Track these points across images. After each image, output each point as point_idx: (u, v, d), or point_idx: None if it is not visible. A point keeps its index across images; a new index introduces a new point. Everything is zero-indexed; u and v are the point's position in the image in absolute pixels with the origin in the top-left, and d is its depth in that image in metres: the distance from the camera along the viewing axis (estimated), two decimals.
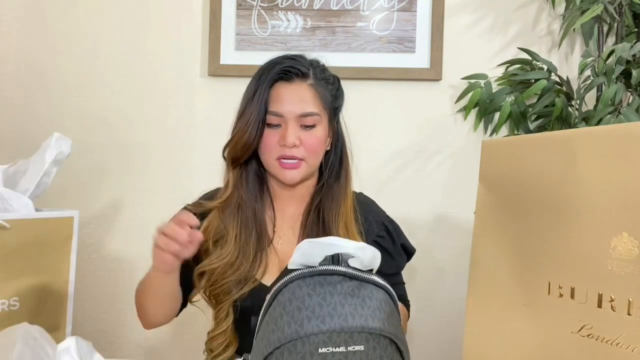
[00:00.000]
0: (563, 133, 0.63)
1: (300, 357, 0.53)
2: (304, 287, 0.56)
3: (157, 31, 1.57)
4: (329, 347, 0.53)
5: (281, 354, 0.53)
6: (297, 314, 0.54)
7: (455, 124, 1.54)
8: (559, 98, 1.35)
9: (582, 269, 0.58)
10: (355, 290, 0.56)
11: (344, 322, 0.53)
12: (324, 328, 0.53)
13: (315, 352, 0.53)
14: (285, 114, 0.91)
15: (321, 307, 0.54)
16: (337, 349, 0.53)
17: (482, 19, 1.52)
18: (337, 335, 0.53)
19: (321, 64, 0.99)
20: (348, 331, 0.53)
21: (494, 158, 0.73)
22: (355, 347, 0.53)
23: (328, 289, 0.56)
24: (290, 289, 0.57)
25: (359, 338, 0.53)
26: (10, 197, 1.00)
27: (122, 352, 1.58)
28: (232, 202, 0.96)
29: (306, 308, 0.54)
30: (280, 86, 0.93)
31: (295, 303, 0.55)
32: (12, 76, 1.59)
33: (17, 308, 0.96)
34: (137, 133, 1.57)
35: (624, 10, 1.34)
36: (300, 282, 0.57)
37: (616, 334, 0.54)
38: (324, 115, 0.95)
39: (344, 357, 0.53)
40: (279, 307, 0.56)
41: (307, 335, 0.53)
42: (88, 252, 1.57)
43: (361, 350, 0.54)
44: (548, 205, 0.63)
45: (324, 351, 0.53)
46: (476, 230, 0.74)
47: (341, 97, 1.01)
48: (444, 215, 1.54)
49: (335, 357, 0.53)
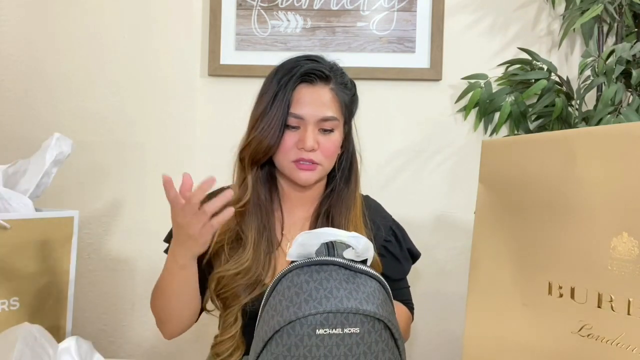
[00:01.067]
0: (563, 133, 0.63)
1: (298, 339, 0.55)
2: (301, 275, 0.60)
3: (157, 31, 1.57)
4: (325, 329, 0.56)
5: (280, 337, 0.56)
6: (295, 298, 0.57)
7: (455, 124, 1.54)
8: (559, 98, 1.35)
9: (582, 269, 0.58)
10: (350, 278, 0.60)
11: (340, 303, 0.56)
12: (320, 309, 0.56)
13: (312, 334, 0.55)
14: (306, 117, 0.90)
15: (317, 291, 0.57)
16: (334, 330, 0.56)
17: (482, 19, 1.52)
18: (334, 317, 0.56)
19: (340, 67, 0.97)
20: (344, 312, 0.56)
21: (494, 158, 0.73)
22: (350, 329, 0.56)
23: (324, 276, 0.59)
24: (289, 277, 0.60)
25: (354, 320, 0.56)
26: (10, 197, 1.00)
27: (122, 352, 1.58)
28: (250, 204, 0.93)
29: (304, 292, 0.58)
30: (303, 88, 0.91)
31: (294, 289, 0.58)
32: (12, 76, 1.60)
33: (17, 308, 0.96)
34: (137, 133, 1.57)
35: (624, 10, 1.34)
36: (298, 271, 0.61)
37: (616, 334, 0.54)
38: (341, 120, 0.95)
39: (341, 340, 0.56)
40: (278, 295, 0.60)
41: (304, 316, 0.56)
42: (88, 252, 1.57)
43: (357, 333, 0.56)
44: (548, 205, 0.63)
45: (321, 332, 0.55)
46: (476, 230, 0.75)
47: (356, 102, 1.00)
48: (444, 216, 1.54)
49: (332, 339, 0.56)
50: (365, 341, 0.56)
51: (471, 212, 0.77)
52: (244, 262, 0.89)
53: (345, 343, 0.56)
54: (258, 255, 0.91)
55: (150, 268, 1.54)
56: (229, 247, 0.92)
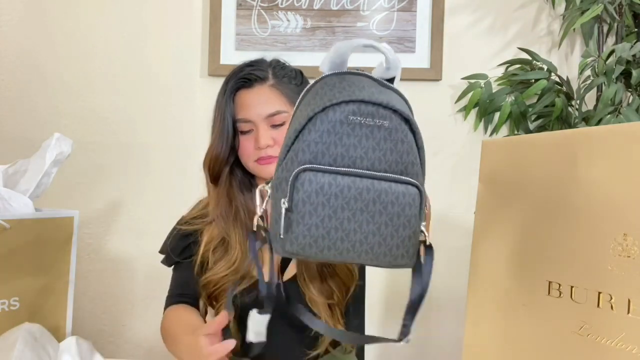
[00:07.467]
0: (563, 133, 0.64)
1: (331, 125, 0.55)
2: (334, 77, 0.59)
3: (157, 31, 1.57)
4: (357, 117, 0.56)
5: (313, 124, 0.56)
6: (329, 92, 0.57)
7: (455, 124, 1.54)
8: (559, 98, 1.35)
9: (582, 268, 0.58)
10: (379, 87, 0.60)
11: (372, 95, 0.56)
12: (354, 97, 0.55)
13: (345, 121, 0.56)
14: (252, 118, 0.93)
15: (350, 86, 0.57)
16: (365, 120, 0.56)
17: (482, 19, 1.52)
18: (365, 106, 0.56)
19: (281, 62, 1.00)
20: (376, 102, 0.56)
21: (494, 158, 0.73)
22: (381, 121, 0.56)
23: (356, 79, 0.59)
24: (323, 80, 0.60)
25: (384, 113, 0.56)
26: (10, 197, 1.00)
27: (122, 352, 1.58)
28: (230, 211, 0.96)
29: (337, 87, 0.57)
30: (242, 94, 0.95)
31: (327, 87, 0.58)
32: (12, 76, 1.60)
33: (17, 308, 0.96)
34: (137, 133, 1.57)
35: (624, 10, 1.34)
36: (330, 76, 0.60)
37: (615, 333, 0.54)
38: (291, 110, 0.96)
39: (370, 131, 0.56)
40: (309, 96, 0.60)
41: (338, 102, 0.55)
42: (88, 252, 1.57)
43: (385, 127, 0.56)
44: (548, 205, 0.63)
45: (352, 119, 0.56)
46: (476, 230, 0.75)
47: None
48: (444, 215, 1.54)
49: (362, 130, 0.56)
50: (392, 137, 0.56)
51: (471, 212, 0.77)
52: (231, 264, 0.92)
53: (374, 136, 0.56)
54: (245, 254, 0.93)
55: (150, 268, 1.54)
56: (214, 253, 0.95)
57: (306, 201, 0.54)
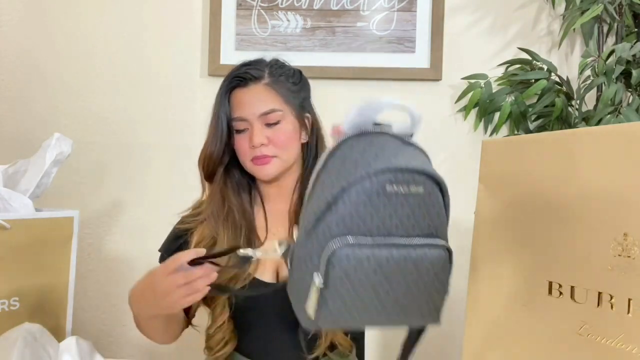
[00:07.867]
0: (563, 133, 0.64)
1: (367, 196, 0.52)
2: (360, 140, 0.56)
3: (157, 31, 1.57)
4: (394, 186, 0.53)
5: (348, 195, 0.52)
6: (360, 158, 0.54)
7: (455, 124, 1.53)
8: (559, 98, 1.35)
9: (582, 268, 0.58)
10: (404, 147, 0.57)
11: (407, 162, 0.53)
12: (390, 165, 0.53)
13: (381, 192, 0.52)
14: (246, 117, 0.94)
15: (383, 151, 0.54)
16: (401, 188, 0.53)
17: (482, 19, 1.52)
18: (402, 174, 0.53)
19: (280, 61, 1.00)
20: (412, 170, 0.53)
21: (494, 158, 0.73)
22: (416, 188, 0.53)
23: (383, 140, 0.56)
24: (347, 143, 0.56)
25: (419, 179, 0.53)
26: (10, 197, 1.00)
27: (122, 352, 1.58)
28: (221, 211, 0.97)
29: (369, 153, 0.54)
30: (237, 93, 0.96)
31: (356, 153, 0.55)
32: (12, 76, 1.59)
33: (17, 308, 0.96)
34: (138, 133, 1.57)
35: (624, 10, 1.34)
36: (356, 138, 0.56)
37: (616, 333, 0.54)
38: (287, 109, 0.96)
39: (405, 199, 0.53)
40: (337, 161, 0.55)
41: (375, 173, 0.52)
42: (88, 252, 1.57)
43: (419, 194, 0.54)
44: (548, 205, 0.63)
45: (389, 190, 0.52)
46: (476, 230, 0.75)
47: (305, 88, 1.01)
48: None
49: (398, 199, 0.53)
50: (426, 202, 0.54)
51: (471, 212, 0.77)
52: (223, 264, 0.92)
53: (409, 203, 0.53)
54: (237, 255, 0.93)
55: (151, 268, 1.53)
56: None
57: (344, 278, 0.52)
